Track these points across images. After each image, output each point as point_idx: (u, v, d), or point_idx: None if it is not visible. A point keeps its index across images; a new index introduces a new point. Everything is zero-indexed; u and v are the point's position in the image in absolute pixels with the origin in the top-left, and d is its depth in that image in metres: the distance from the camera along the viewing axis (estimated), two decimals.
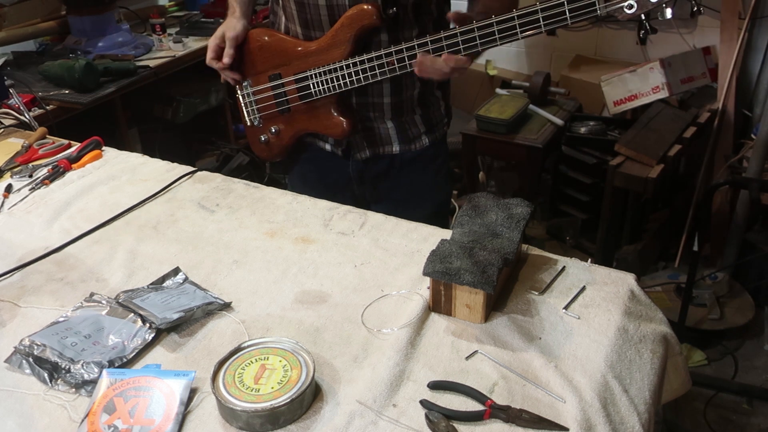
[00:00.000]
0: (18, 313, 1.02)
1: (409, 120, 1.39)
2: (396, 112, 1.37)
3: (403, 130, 1.39)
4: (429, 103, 1.41)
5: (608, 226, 2.53)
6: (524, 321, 0.95)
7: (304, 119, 1.38)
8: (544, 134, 2.68)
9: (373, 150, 1.41)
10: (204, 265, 1.11)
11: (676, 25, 2.82)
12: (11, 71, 2.40)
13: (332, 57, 1.26)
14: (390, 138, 1.40)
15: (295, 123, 1.40)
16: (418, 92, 1.37)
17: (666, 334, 0.96)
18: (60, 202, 1.31)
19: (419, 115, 1.39)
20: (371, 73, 1.24)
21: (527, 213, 1.05)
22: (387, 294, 1.02)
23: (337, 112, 1.32)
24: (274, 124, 1.43)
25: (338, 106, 1.32)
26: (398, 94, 1.34)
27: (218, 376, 0.82)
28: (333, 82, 1.28)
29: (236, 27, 1.37)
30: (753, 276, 2.53)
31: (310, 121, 1.37)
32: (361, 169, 1.43)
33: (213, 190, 1.34)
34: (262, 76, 1.39)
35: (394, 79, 1.30)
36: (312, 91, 1.32)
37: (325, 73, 1.28)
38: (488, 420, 0.79)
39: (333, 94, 1.30)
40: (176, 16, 3.06)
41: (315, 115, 1.36)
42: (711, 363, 2.30)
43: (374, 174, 1.44)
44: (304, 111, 1.37)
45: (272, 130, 1.43)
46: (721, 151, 2.64)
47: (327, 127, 1.35)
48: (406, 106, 1.37)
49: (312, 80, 1.31)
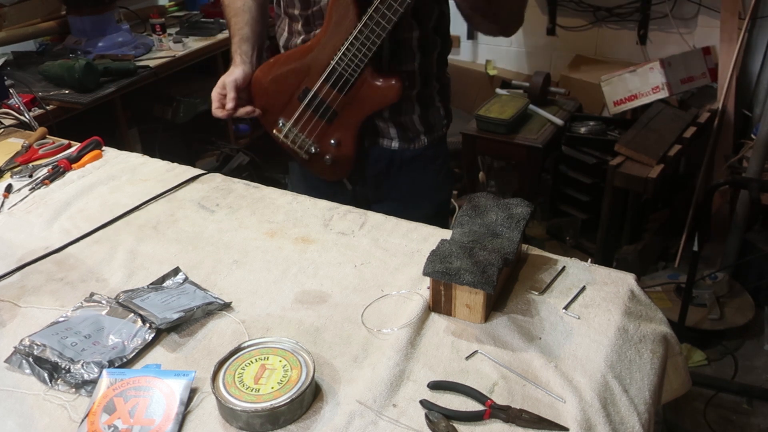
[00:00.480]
0: (18, 313, 1.02)
1: (407, 120, 1.39)
2: (395, 111, 1.36)
3: (402, 129, 1.39)
4: (428, 104, 1.40)
5: (608, 226, 2.53)
6: (524, 321, 0.95)
7: (355, 110, 1.32)
8: (544, 134, 2.68)
9: (371, 140, 1.40)
10: (204, 265, 1.11)
11: (676, 25, 2.82)
12: (11, 71, 2.40)
13: (344, 33, 1.22)
14: (389, 133, 1.39)
15: (349, 121, 1.34)
16: (417, 92, 1.36)
17: (666, 334, 0.96)
18: (60, 202, 1.31)
19: (418, 115, 1.39)
20: (385, 20, 1.17)
21: (527, 213, 1.05)
22: (387, 294, 1.02)
23: (382, 79, 1.27)
24: (329, 137, 1.37)
25: (377, 73, 1.27)
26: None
27: (218, 376, 0.82)
28: (358, 54, 1.23)
29: (234, 72, 1.36)
30: (753, 276, 2.53)
31: (363, 106, 1.31)
32: (362, 167, 1.42)
33: (213, 190, 1.34)
34: (291, 104, 1.35)
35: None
36: (346, 76, 1.27)
37: (347, 51, 1.24)
38: (488, 420, 0.79)
39: (366, 65, 1.24)
40: (176, 16, 3.06)
41: (362, 98, 1.30)
42: (711, 363, 2.30)
43: (375, 173, 1.43)
44: (350, 103, 1.31)
45: (332, 143, 1.37)
46: (721, 151, 2.64)
47: (382, 98, 1.29)
48: (405, 105, 1.36)
49: (340, 67, 1.26)
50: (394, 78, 1.27)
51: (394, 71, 1.29)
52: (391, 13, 1.17)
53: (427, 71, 1.36)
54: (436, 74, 1.39)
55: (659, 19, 2.86)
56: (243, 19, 1.40)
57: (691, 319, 2.27)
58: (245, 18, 1.40)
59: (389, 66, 1.30)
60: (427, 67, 1.36)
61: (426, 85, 1.37)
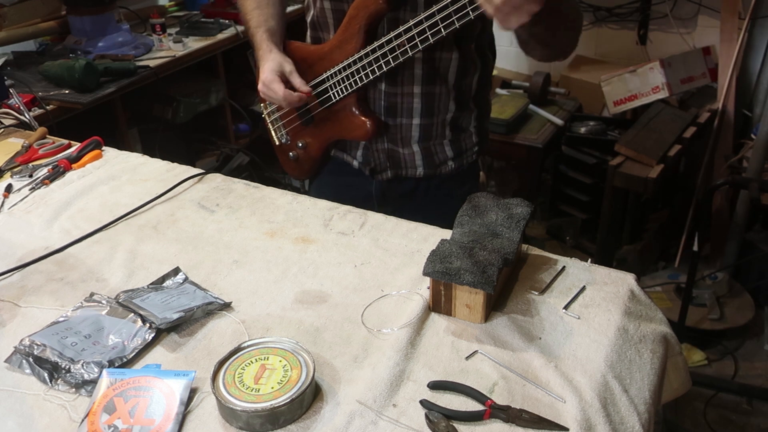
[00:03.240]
0: (18, 313, 1.02)
1: (437, 144, 1.32)
2: (424, 136, 1.30)
3: (429, 155, 1.33)
4: (461, 128, 1.34)
5: (608, 226, 2.53)
6: (524, 321, 0.95)
7: (328, 127, 1.33)
8: (544, 134, 2.68)
9: (395, 171, 1.36)
10: (204, 265, 1.11)
11: (676, 25, 2.82)
12: (11, 71, 2.40)
13: (345, 53, 1.22)
14: (414, 162, 1.34)
15: (321, 133, 1.35)
16: (451, 116, 1.30)
17: (666, 334, 0.96)
18: (60, 202, 1.31)
19: (448, 140, 1.33)
20: (384, 61, 1.17)
21: (527, 213, 1.05)
22: (387, 294, 1.02)
23: (359, 112, 1.27)
24: (300, 138, 1.39)
25: (359, 106, 1.27)
26: (429, 116, 1.28)
27: (218, 376, 0.82)
28: (349, 79, 1.23)
29: (280, 57, 1.28)
30: (753, 276, 2.53)
31: (334, 128, 1.32)
32: (384, 189, 1.39)
33: (213, 190, 1.34)
34: None
35: (426, 101, 1.26)
36: (330, 94, 1.27)
37: (340, 72, 1.24)
38: (488, 420, 0.79)
39: (352, 93, 1.25)
40: (176, 16, 3.06)
41: (338, 120, 1.31)
42: (711, 363, 2.30)
43: (397, 195, 1.39)
44: (326, 118, 1.32)
45: (299, 144, 1.39)
46: (721, 151, 2.64)
47: (351, 130, 1.30)
48: (436, 129, 1.31)
49: (329, 82, 1.27)
50: (371, 119, 1.27)
51: (426, 93, 1.26)
52: (392, 57, 1.16)
53: (463, 95, 1.30)
54: (474, 97, 1.33)
55: (659, 19, 2.86)
56: (268, 12, 1.35)
57: (691, 319, 2.27)
58: (270, 11, 1.36)
59: (422, 86, 1.25)
60: (464, 90, 1.30)
61: (461, 108, 1.31)
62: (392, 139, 1.32)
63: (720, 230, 2.66)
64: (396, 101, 1.28)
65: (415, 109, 1.27)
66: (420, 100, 1.26)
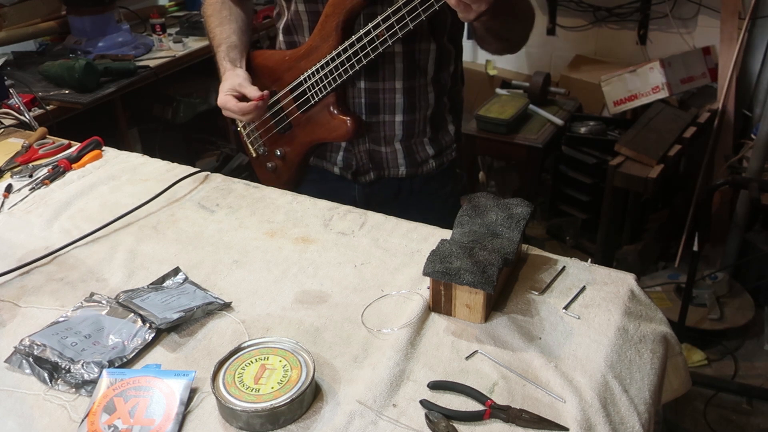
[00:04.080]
0: (18, 313, 1.02)
1: (418, 143, 1.34)
2: (407, 133, 1.32)
3: (410, 153, 1.34)
4: (440, 126, 1.36)
5: (608, 226, 2.53)
6: (524, 321, 0.95)
7: (307, 131, 1.32)
8: (544, 134, 2.68)
9: (377, 173, 1.37)
10: (204, 265, 1.11)
11: (676, 25, 2.83)
12: (11, 71, 2.41)
13: (322, 53, 1.22)
14: (396, 161, 1.35)
15: (299, 139, 1.35)
16: (431, 112, 1.32)
17: (666, 334, 0.96)
18: (60, 202, 1.31)
19: (428, 138, 1.35)
20: (363, 54, 1.16)
21: (527, 213, 1.05)
22: (387, 294, 1.02)
23: (338, 111, 1.27)
24: (278, 146, 1.38)
25: (338, 105, 1.27)
26: (411, 112, 1.30)
27: (218, 376, 0.82)
28: (327, 78, 1.23)
29: (236, 73, 1.30)
30: (753, 276, 2.53)
31: (314, 131, 1.31)
32: (367, 194, 1.39)
33: (213, 190, 1.34)
34: None
35: (408, 96, 1.26)
36: (309, 95, 1.27)
37: (317, 72, 1.23)
38: (488, 420, 0.79)
39: (331, 92, 1.24)
40: (176, 16, 3.06)
41: (317, 123, 1.30)
42: (711, 363, 2.30)
43: (381, 198, 1.39)
44: (305, 123, 1.32)
45: (278, 153, 1.38)
46: (721, 151, 2.64)
47: (331, 131, 1.29)
48: (418, 126, 1.32)
49: (306, 84, 1.26)
50: (351, 117, 1.26)
51: (408, 88, 1.27)
52: (371, 49, 1.16)
53: (441, 88, 1.32)
54: (449, 91, 1.35)
55: (659, 19, 2.86)
56: (230, 28, 1.38)
57: (691, 319, 2.28)
58: (232, 27, 1.38)
59: (404, 81, 1.26)
60: (442, 84, 1.32)
61: (439, 103, 1.32)
62: (374, 139, 1.33)
63: (720, 230, 2.66)
64: (378, 98, 1.28)
65: (397, 104, 1.28)
66: (402, 95, 1.27)
